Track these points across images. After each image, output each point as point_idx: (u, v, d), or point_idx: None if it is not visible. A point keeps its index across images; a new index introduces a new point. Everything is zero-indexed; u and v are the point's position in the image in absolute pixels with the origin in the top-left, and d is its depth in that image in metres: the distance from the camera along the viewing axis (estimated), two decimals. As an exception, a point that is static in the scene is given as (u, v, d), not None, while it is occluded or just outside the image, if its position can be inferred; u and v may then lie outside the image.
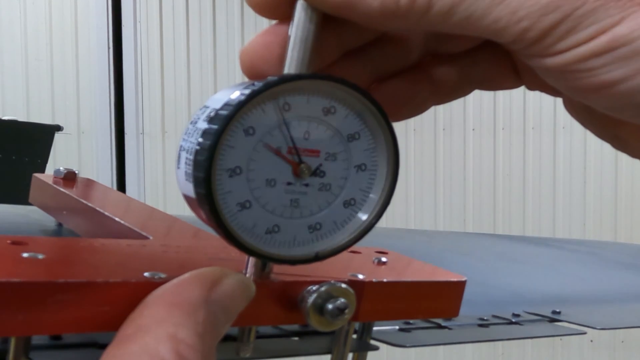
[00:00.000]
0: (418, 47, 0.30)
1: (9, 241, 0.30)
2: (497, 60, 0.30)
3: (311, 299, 0.29)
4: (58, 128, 2.46)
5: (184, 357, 0.23)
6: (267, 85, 0.25)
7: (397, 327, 0.47)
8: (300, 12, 0.27)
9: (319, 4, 0.26)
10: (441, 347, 0.48)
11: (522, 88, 0.31)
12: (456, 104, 3.21)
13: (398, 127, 0.27)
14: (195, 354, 0.23)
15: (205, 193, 0.25)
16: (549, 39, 0.24)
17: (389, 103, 0.29)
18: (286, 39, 0.27)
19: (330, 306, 0.29)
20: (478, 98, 3.18)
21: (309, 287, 0.30)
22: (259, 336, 0.37)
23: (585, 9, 0.23)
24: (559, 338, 2.65)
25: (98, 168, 3.51)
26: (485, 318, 0.53)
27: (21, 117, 2.92)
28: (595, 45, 0.24)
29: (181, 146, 0.27)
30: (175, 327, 0.23)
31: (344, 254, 0.29)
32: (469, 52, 0.30)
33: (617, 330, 0.69)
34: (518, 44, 0.25)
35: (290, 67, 0.27)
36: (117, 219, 0.44)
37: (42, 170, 2.27)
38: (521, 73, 0.30)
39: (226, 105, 0.25)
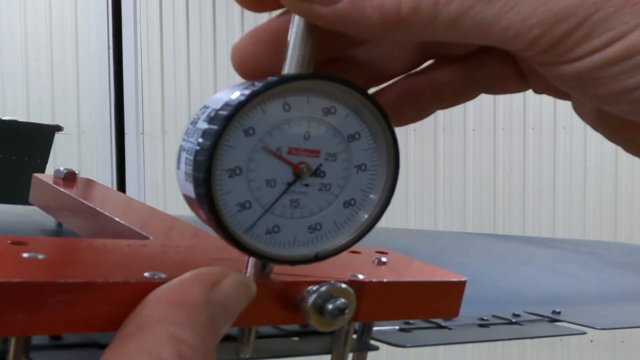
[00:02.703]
0: (415, 49, 0.29)
1: (9, 241, 0.30)
2: (502, 64, 0.29)
3: (311, 299, 0.29)
4: (58, 128, 2.46)
5: (184, 357, 0.23)
6: (267, 86, 0.25)
7: (397, 327, 0.47)
8: (300, 12, 0.27)
9: (314, 19, 0.25)
10: (441, 347, 0.48)
11: (523, 88, 0.31)
12: (456, 104, 3.20)
13: (398, 127, 0.27)
14: (196, 354, 0.23)
15: (205, 193, 0.25)
16: (562, 47, 0.23)
17: (392, 108, 0.29)
18: (274, 34, 0.27)
19: (330, 306, 0.29)
20: (478, 98, 3.16)
21: (309, 287, 0.30)
22: (259, 336, 0.37)
23: (599, 16, 0.23)
24: (559, 338, 2.65)
25: (98, 168, 3.51)
26: (485, 318, 0.53)
27: (21, 117, 2.92)
28: (610, 53, 0.23)
29: (181, 146, 0.27)
30: (176, 327, 0.23)
31: (344, 254, 0.29)
32: (473, 55, 0.30)
33: (617, 330, 0.69)
34: (529, 52, 0.24)
35: (290, 67, 0.27)
36: (117, 219, 0.44)
37: (42, 170, 2.27)
38: (527, 76, 0.29)
39: (226, 105, 0.25)
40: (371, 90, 0.30)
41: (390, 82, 0.30)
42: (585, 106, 0.29)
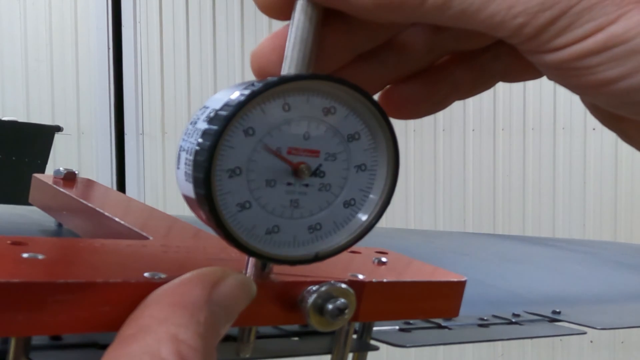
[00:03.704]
0: (434, 49, 0.29)
1: (9, 241, 0.30)
2: (517, 54, 0.28)
3: (311, 299, 0.29)
4: (58, 129, 2.47)
5: (185, 357, 0.23)
6: (267, 86, 0.25)
7: (397, 327, 0.47)
8: (299, 12, 0.27)
9: None
10: (441, 347, 0.48)
11: (522, 88, 0.31)
12: (456, 104, 3.18)
13: (398, 127, 0.27)
14: (196, 355, 0.23)
15: (205, 194, 0.25)
16: (545, 36, 0.24)
17: (407, 102, 0.29)
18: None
19: (330, 306, 0.29)
20: (478, 99, 3.18)
21: (309, 287, 0.30)
22: (259, 336, 0.37)
23: (582, 6, 0.23)
24: (559, 338, 2.65)
25: (98, 168, 3.51)
26: (485, 318, 0.53)
27: (21, 118, 2.93)
28: (591, 44, 0.24)
29: (181, 146, 0.27)
30: (177, 328, 0.23)
31: (344, 254, 0.29)
32: (488, 48, 0.30)
33: (617, 331, 0.69)
34: (514, 39, 0.25)
35: (290, 67, 0.27)
36: (117, 219, 0.44)
37: (42, 171, 2.27)
38: None
39: (226, 105, 0.25)
40: (387, 86, 0.30)
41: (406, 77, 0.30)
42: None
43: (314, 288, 0.29)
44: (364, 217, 0.28)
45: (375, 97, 0.28)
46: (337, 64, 0.29)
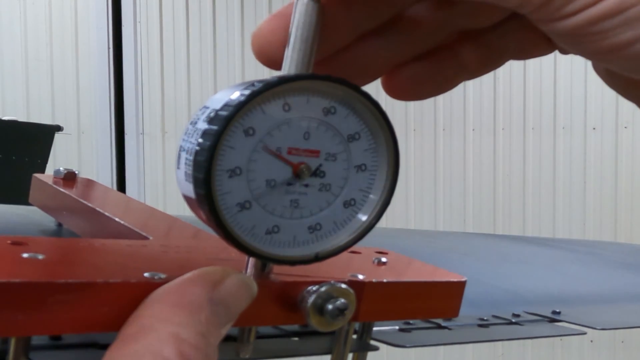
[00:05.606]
0: (441, 28, 0.29)
1: (9, 241, 0.30)
2: (528, 28, 0.28)
3: (311, 299, 0.29)
4: (58, 128, 2.47)
5: (187, 357, 0.23)
6: (267, 86, 0.25)
7: (397, 327, 0.47)
8: (299, 11, 0.27)
9: None
10: (441, 347, 0.48)
11: (522, 88, 0.31)
12: (456, 104, 3.22)
13: (398, 127, 0.27)
14: (198, 354, 0.23)
15: (205, 194, 0.25)
16: (556, 2, 0.23)
17: (410, 82, 0.29)
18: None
19: (330, 306, 0.29)
20: (478, 98, 3.18)
21: (309, 288, 0.30)
22: (259, 336, 0.37)
23: None
24: (559, 338, 2.65)
25: (98, 168, 3.51)
26: (485, 318, 0.53)
27: (21, 117, 2.92)
28: (604, 7, 0.23)
29: (181, 147, 0.27)
30: (179, 327, 0.23)
31: (344, 254, 0.29)
32: (497, 25, 0.29)
33: (617, 330, 0.69)
34: (525, 8, 0.24)
35: (290, 67, 0.27)
36: (117, 219, 0.44)
37: (42, 171, 2.27)
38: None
39: (226, 105, 0.25)
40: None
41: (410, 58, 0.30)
42: (598, 65, 0.28)
43: (314, 288, 0.29)
44: (364, 217, 0.28)
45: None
46: (339, 43, 0.28)
